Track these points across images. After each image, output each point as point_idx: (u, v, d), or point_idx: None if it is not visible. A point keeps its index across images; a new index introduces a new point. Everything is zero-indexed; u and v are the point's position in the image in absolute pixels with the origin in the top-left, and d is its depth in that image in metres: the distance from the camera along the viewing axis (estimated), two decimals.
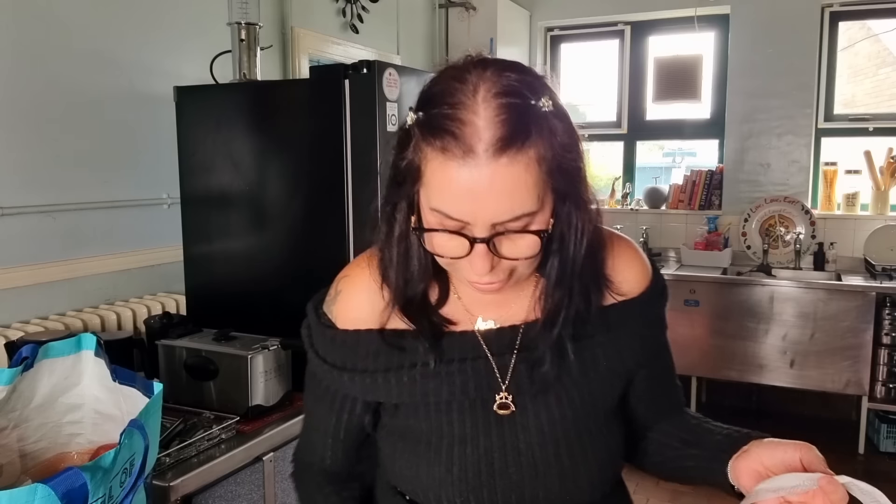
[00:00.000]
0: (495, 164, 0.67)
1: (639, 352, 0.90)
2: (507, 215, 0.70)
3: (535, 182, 0.69)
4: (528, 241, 0.73)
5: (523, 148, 0.68)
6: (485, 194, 0.68)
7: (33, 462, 1.14)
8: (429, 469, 0.87)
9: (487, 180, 0.68)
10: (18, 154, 1.98)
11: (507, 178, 0.68)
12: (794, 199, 4.14)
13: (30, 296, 1.97)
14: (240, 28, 2.16)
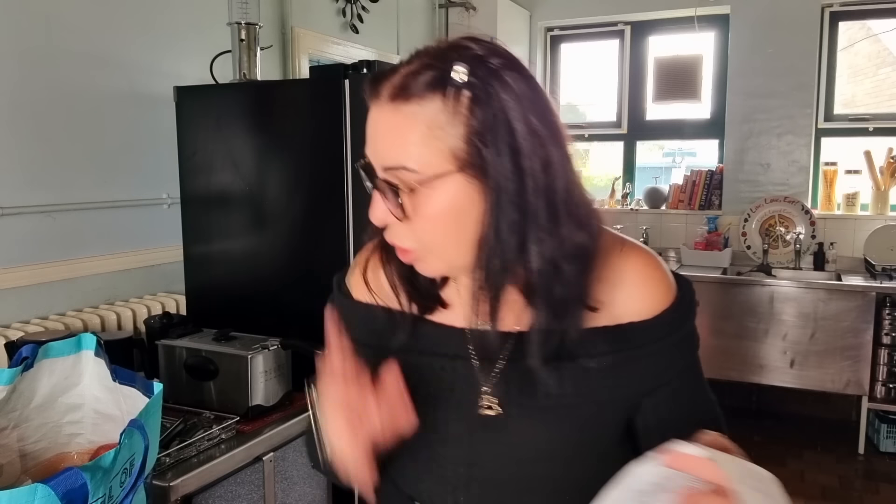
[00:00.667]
0: (387, 107, 0.72)
1: (646, 380, 0.81)
2: (389, 160, 0.72)
3: (420, 139, 0.70)
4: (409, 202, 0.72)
5: (411, 100, 0.70)
6: (377, 132, 0.74)
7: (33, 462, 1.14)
8: (411, 462, 0.87)
9: (379, 118, 0.74)
10: (18, 154, 1.97)
11: (391, 122, 0.72)
12: (794, 199, 4.14)
13: (30, 296, 1.97)
14: (240, 28, 2.16)
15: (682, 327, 0.83)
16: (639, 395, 0.82)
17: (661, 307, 0.80)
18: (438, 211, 0.72)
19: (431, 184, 0.71)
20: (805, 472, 3.51)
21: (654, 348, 0.80)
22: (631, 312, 0.79)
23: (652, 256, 0.84)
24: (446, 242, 0.74)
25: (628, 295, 0.80)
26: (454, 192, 0.71)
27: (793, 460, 3.64)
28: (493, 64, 0.71)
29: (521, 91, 0.71)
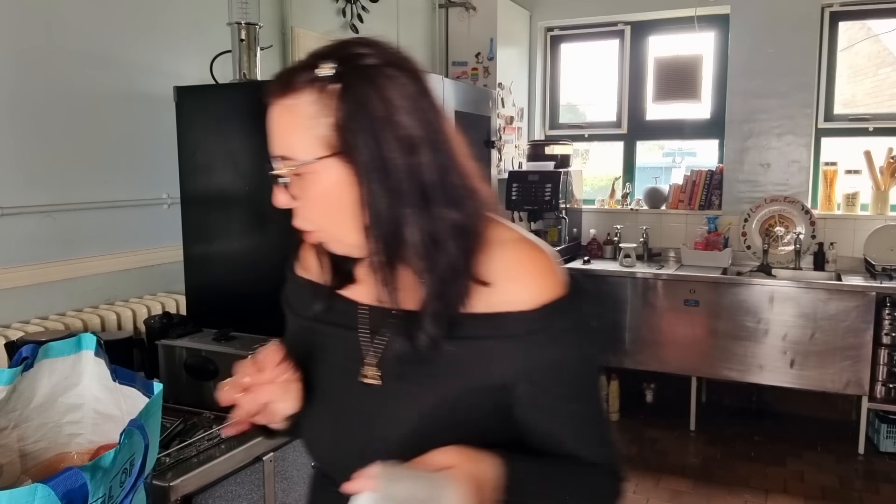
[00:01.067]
0: (275, 104, 0.82)
1: (512, 372, 0.83)
2: (279, 150, 0.82)
3: (295, 129, 0.80)
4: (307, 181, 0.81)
5: (288, 95, 0.80)
6: (272, 126, 0.83)
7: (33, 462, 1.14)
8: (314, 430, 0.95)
9: (273, 113, 0.82)
10: (18, 154, 1.98)
11: (275, 116, 0.82)
12: (794, 199, 4.14)
13: (30, 296, 1.97)
14: (240, 28, 2.16)
15: (563, 322, 0.83)
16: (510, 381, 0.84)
17: (545, 300, 0.82)
18: (320, 193, 0.81)
19: (311, 168, 0.80)
20: (805, 472, 3.51)
21: (531, 338, 0.82)
22: (514, 301, 0.82)
23: (543, 252, 0.87)
24: (333, 222, 0.82)
25: (514, 285, 0.83)
26: (331, 176, 0.80)
27: (793, 460, 3.64)
28: (366, 62, 0.80)
29: (393, 86, 0.79)
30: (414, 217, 0.79)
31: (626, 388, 4.29)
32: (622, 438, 3.96)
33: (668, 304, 3.95)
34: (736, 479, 3.44)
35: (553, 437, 0.87)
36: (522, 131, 4.73)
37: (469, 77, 4.31)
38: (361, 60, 0.80)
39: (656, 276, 4.00)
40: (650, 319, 3.99)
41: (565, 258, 4.30)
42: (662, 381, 4.37)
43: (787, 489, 3.34)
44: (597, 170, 5.09)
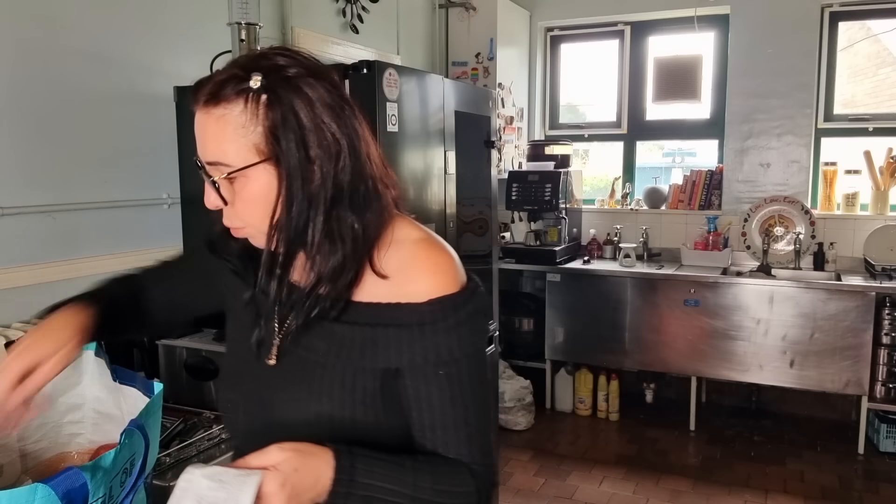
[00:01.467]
0: (201, 112, 0.86)
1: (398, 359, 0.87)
2: (209, 156, 0.87)
3: (228, 137, 0.84)
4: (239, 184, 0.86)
5: (219, 105, 0.84)
6: (197, 133, 0.88)
7: (34, 462, 1.14)
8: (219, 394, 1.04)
9: (198, 122, 0.87)
10: (18, 154, 1.98)
11: (205, 124, 0.86)
12: (794, 199, 4.14)
13: (30, 296, 1.97)
14: (240, 28, 2.16)
15: (452, 318, 0.87)
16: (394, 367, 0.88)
17: (436, 295, 0.87)
18: (251, 196, 0.86)
19: (243, 173, 0.85)
20: (805, 472, 3.52)
21: (419, 329, 0.86)
22: (408, 294, 0.87)
23: (442, 251, 0.91)
24: (263, 221, 0.87)
25: (408, 279, 0.88)
26: (262, 180, 0.85)
27: (793, 460, 3.65)
28: (289, 73, 0.84)
29: (315, 94, 0.85)
30: (319, 220, 0.86)
31: (626, 388, 4.29)
32: (622, 438, 3.97)
33: (668, 304, 3.95)
34: (736, 479, 3.44)
35: (425, 429, 0.89)
36: (522, 131, 4.73)
37: (469, 77, 4.31)
38: (285, 71, 0.84)
39: (656, 276, 4.00)
40: (650, 319, 4.00)
41: (565, 258, 4.30)
42: (662, 381, 4.37)
43: (786, 489, 3.34)
44: (597, 170, 5.09)
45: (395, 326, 0.87)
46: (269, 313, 0.94)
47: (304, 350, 0.92)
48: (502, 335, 3.77)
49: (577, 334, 4.16)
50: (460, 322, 0.87)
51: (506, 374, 4.09)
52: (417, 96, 2.35)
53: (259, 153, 0.84)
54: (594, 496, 3.28)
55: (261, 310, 0.95)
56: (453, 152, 2.60)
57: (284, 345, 0.93)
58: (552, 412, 4.31)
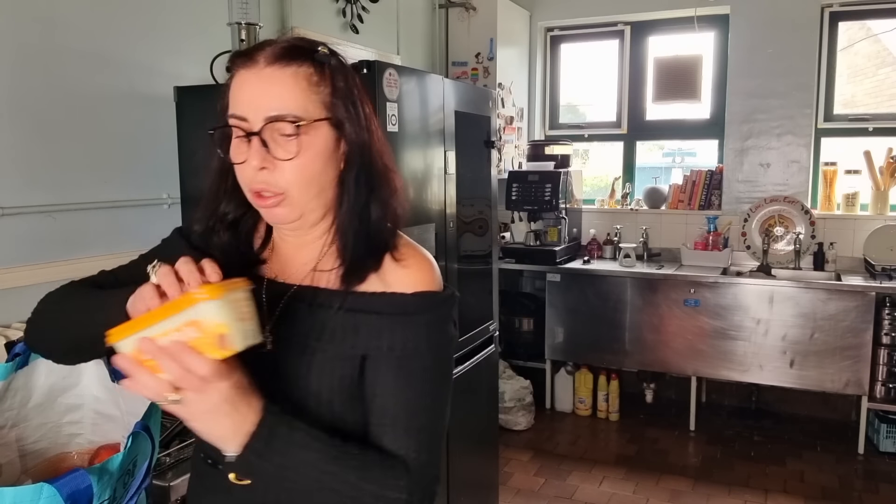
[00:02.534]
0: (269, 69, 0.88)
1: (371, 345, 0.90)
2: (274, 110, 0.86)
3: (302, 92, 0.88)
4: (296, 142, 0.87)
5: (291, 63, 0.88)
6: (259, 89, 0.88)
7: (33, 462, 1.14)
8: None
9: (260, 78, 0.88)
10: (19, 154, 1.98)
11: (275, 79, 0.87)
12: (794, 199, 4.14)
13: (30, 296, 1.96)
14: (240, 28, 2.16)
15: (427, 315, 0.92)
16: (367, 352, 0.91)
17: (419, 289, 0.92)
18: (314, 152, 0.88)
19: (311, 127, 0.88)
20: (805, 472, 3.52)
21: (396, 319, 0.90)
22: (393, 284, 0.92)
23: (428, 256, 0.98)
24: (304, 188, 0.89)
25: (396, 273, 0.93)
26: (326, 137, 0.89)
27: (793, 460, 3.65)
28: (340, 57, 0.93)
29: (358, 84, 0.93)
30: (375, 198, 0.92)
31: (626, 388, 4.29)
32: (622, 438, 3.97)
33: (667, 304, 3.95)
34: (736, 479, 3.44)
35: (376, 415, 0.90)
36: (522, 131, 4.73)
37: (469, 77, 4.31)
38: (339, 56, 0.92)
39: (656, 276, 4.00)
40: (650, 319, 4.00)
41: (565, 258, 4.30)
42: (662, 381, 4.37)
43: (786, 489, 3.34)
44: (597, 170, 5.09)
45: (376, 314, 0.91)
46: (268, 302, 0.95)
47: (291, 337, 0.93)
48: (502, 335, 3.77)
49: (577, 334, 4.16)
50: (438, 319, 0.92)
51: (506, 374, 4.09)
52: (417, 96, 2.35)
53: (327, 110, 0.89)
54: (594, 496, 3.29)
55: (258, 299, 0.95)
56: (453, 152, 2.60)
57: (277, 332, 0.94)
58: (552, 412, 4.31)
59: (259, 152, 0.87)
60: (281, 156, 0.87)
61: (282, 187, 0.89)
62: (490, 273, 2.98)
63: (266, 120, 0.87)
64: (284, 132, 0.86)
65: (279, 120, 0.86)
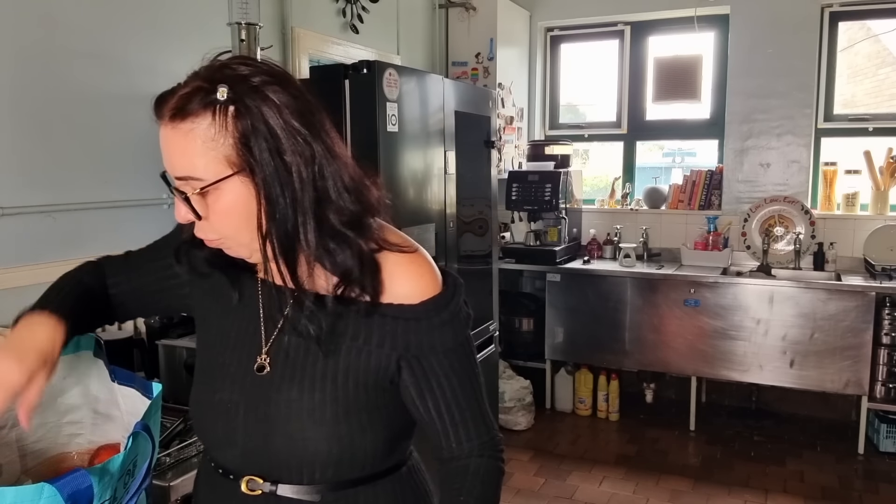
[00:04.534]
0: (167, 128, 0.86)
1: (393, 356, 0.92)
2: (179, 171, 0.85)
3: (197, 152, 0.83)
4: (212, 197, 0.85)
5: (186, 119, 0.84)
6: (164, 148, 0.87)
7: (33, 462, 1.14)
8: (194, 400, 1.01)
9: (164, 137, 0.87)
10: (18, 154, 1.98)
11: (171, 140, 0.85)
12: (794, 199, 4.14)
13: (30, 296, 1.96)
14: (240, 28, 2.16)
15: (440, 316, 0.93)
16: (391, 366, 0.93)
17: (424, 297, 0.92)
18: (225, 208, 0.85)
19: (216, 187, 0.84)
20: (805, 472, 3.51)
21: (411, 326, 0.91)
22: (399, 296, 0.92)
23: (423, 257, 0.96)
24: (239, 232, 0.87)
25: (400, 283, 0.92)
26: (236, 192, 0.84)
27: (793, 460, 3.65)
28: (254, 81, 0.84)
29: (283, 101, 0.84)
30: (311, 224, 0.85)
31: (626, 388, 4.29)
32: (622, 438, 3.97)
33: (668, 304, 3.95)
34: (736, 479, 3.44)
35: (440, 412, 0.95)
36: (522, 131, 4.73)
37: (469, 77, 4.31)
38: (250, 80, 0.84)
39: (656, 276, 4.00)
40: (650, 319, 4.00)
41: (565, 258, 4.30)
42: (662, 381, 4.37)
43: (786, 489, 3.34)
44: (597, 170, 5.09)
45: (391, 317, 0.91)
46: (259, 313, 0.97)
47: (297, 348, 0.94)
48: (502, 335, 3.77)
49: (577, 334, 4.16)
50: (452, 316, 0.94)
51: (506, 374, 4.09)
52: (417, 96, 2.35)
53: (231, 165, 0.84)
54: (594, 496, 3.28)
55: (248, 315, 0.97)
56: (453, 152, 2.60)
57: (280, 344, 0.95)
58: (552, 412, 4.31)
59: (181, 207, 0.87)
60: (199, 212, 0.86)
61: (217, 234, 0.89)
62: (490, 273, 2.98)
63: (176, 178, 0.87)
64: (198, 189, 0.85)
65: (184, 180, 0.85)
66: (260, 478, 0.95)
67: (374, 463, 0.96)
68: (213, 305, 1.02)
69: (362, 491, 0.96)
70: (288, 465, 0.93)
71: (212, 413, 0.98)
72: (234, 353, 0.98)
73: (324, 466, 0.92)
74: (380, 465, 0.97)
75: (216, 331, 1.02)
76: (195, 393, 1.02)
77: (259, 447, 0.94)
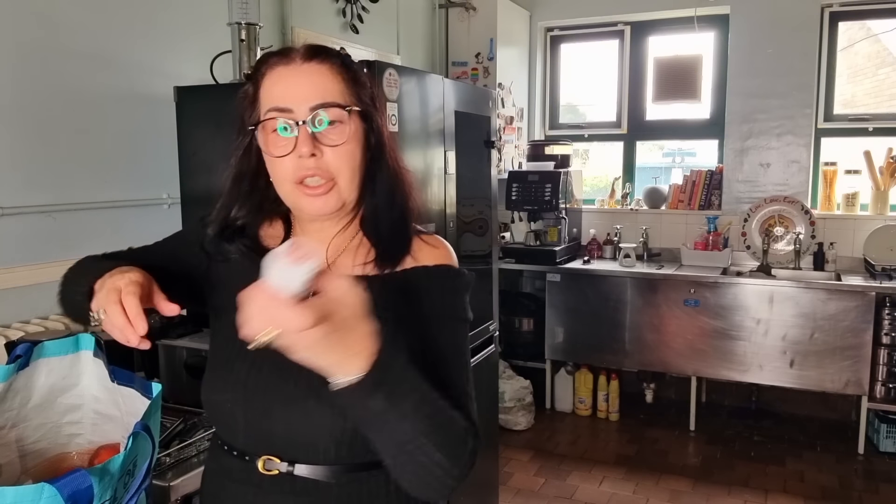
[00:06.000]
0: (307, 64, 0.94)
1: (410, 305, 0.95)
2: (319, 99, 0.91)
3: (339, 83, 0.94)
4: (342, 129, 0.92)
5: (326, 60, 0.94)
6: (301, 82, 0.93)
7: (33, 462, 1.14)
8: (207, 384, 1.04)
9: (301, 72, 0.93)
10: (18, 154, 1.98)
11: (315, 71, 0.93)
12: (794, 199, 4.14)
13: (30, 296, 1.97)
14: (240, 28, 2.16)
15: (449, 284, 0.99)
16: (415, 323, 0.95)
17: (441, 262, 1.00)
18: (357, 140, 0.95)
19: (352, 117, 0.94)
20: (805, 472, 3.51)
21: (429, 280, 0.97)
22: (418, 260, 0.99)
23: (444, 242, 1.05)
24: (356, 171, 0.95)
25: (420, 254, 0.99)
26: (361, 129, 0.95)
27: (793, 460, 3.65)
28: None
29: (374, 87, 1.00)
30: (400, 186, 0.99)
31: (626, 388, 4.29)
32: (622, 438, 3.97)
33: (668, 304, 3.95)
34: (736, 479, 3.44)
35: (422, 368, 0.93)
36: (522, 131, 4.73)
37: (469, 77, 4.31)
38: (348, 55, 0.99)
39: (656, 276, 4.00)
40: (650, 319, 4.00)
41: (565, 258, 4.30)
42: (662, 381, 4.37)
43: (786, 489, 3.34)
44: (597, 170, 5.09)
45: (403, 279, 0.97)
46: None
47: None
48: (502, 335, 3.77)
49: (577, 334, 4.16)
50: (462, 287, 1.00)
51: (506, 374, 4.09)
52: (417, 96, 2.35)
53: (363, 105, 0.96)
54: (594, 496, 3.28)
55: None
56: (453, 152, 2.60)
57: None
58: (552, 412, 4.31)
59: (308, 139, 0.90)
60: (330, 142, 0.91)
61: (332, 173, 0.93)
62: (490, 273, 2.98)
63: (312, 109, 0.91)
64: (332, 119, 0.91)
65: (329, 106, 0.91)
66: (277, 457, 0.96)
67: None
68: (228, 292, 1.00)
69: (375, 475, 0.96)
70: (304, 445, 0.94)
71: (226, 396, 0.99)
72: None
73: (338, 445, 0.93)
74: None
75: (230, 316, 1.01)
76: (208, 378, 1.04)
77: (276, 426, 0.95)
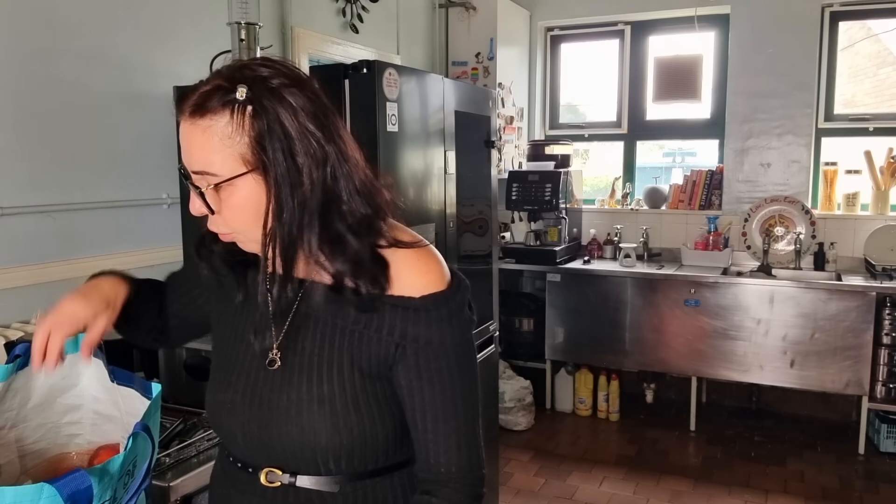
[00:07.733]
0: (187, 123, 0.88)
1: (389, 350, 0.92)
2: (195, 165, 0.88)
3: (213, 149, 0.86)
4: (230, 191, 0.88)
5: (205, 116, 0.86)
6: (183, 142, 0.89)
7: (33, 462, 1.14)
8: (209, 396, 1.04)
9: (183, 131, 0.89)
10: (18, 154, 1.97)
11: (190, 135, 0.88)
12: (795, 199, 4.14)
13: (30, 296, 1.97)
14: (240, 28, 2.16)
15: (441, 312, 0.93)
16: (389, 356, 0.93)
17: (427, 292, 0.93)
18: (238, 204, 0.89)
19: (230, 183, 0.87)
20: (805, 472, 3.51)
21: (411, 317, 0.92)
22: (403, 289, 0.93)
23: (430, 254, 0.97)
24: (250, 228, 0.90)
25: (405, 279, 0.93)
26: (249, 189, 0.87)
27: (793, 460, 3.64)
28: (272, 83, 0.86)
29: (299, 103, 0.86)
30: (315, 225, 0.88)
31: (626, 388, 4.29)
32: (622, 438, 3.96)
33: (668, 304, 3.95)
34: (736, 479, 3.44)
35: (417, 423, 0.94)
36: (522, 131, 4.73)
37: (469, 77, 4.31)
38: (269, 81, 0.86)
39: (656, 276, 4.00)
40: (650, 319, 4.00)
41: (565, 258, 4.30)
42: (663, 382, 4.37)
43: (787, 489, 3.34)
44: (597, 170, 5.09)
45: (391, 306, 0.92)
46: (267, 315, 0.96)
47: (305, 340, 0.95)
48: (502, 335, 3.77)
49: (577, 334, 4.16)
50: (452, 314, 0.93)
51: (506, 374, 4.09)
52: (417, 96, 2.35)
53: (246, 163, 0.86)
54: (594, 496, 3.28)
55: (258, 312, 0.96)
56: (453, 152, 2.60)
57: (289, 338, 0.96)
58: (552, 412, 4.31)
59: (195, 201, 0.90)
60: (212, 207, 0.90)
61: (229, 228, 0.92)
62: (490, 273, 2.98)
63: (192, 172, 0.89)
64: (210, 185, 0.88)
65: (200, 174, 0.88)
66: (278, 469, 0.96)
67: (388, 455, 0.97)
68: (226, 304, 1.05)
69: (379, 482, 0.97)
70: (304, 457, 0.94)
71: (228, 408, 1.00)
72: (247, 349, 0.99)
73: (337, 457, 0.94)
74: (394, 457, 0.98)
75: (229, 328, 1.04)
76: (210, 390, 1.04)
77: (274, 440, 0.95)
